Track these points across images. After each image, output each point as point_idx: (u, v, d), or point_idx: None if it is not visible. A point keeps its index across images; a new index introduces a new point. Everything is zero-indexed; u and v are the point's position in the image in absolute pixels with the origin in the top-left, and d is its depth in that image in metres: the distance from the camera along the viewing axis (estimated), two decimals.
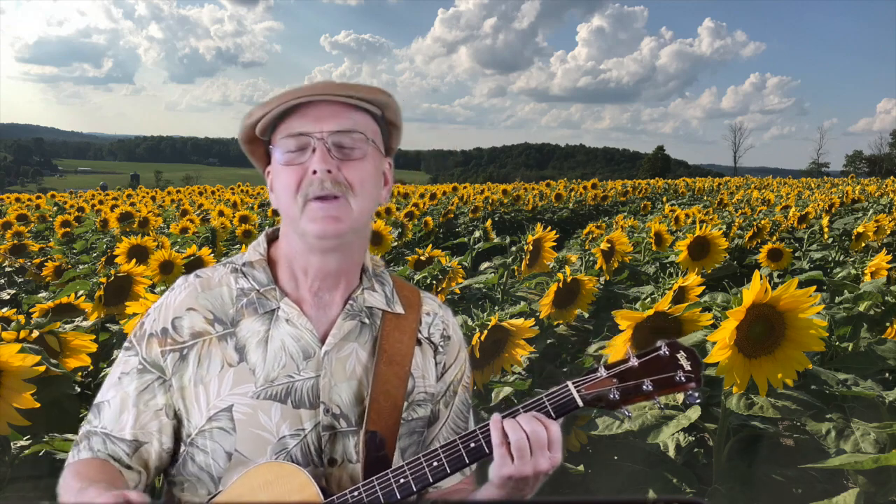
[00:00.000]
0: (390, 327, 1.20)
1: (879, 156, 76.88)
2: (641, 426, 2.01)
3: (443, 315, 1.30)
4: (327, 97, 1.11)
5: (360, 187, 1.11)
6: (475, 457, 1.05)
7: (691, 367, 1.08)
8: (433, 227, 9.41)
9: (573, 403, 1.07)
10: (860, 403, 2.01)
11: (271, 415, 1.10)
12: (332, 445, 1.12)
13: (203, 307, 1.15)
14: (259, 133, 1.15)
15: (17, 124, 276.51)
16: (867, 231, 5.96)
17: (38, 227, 10.38)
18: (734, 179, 34.47)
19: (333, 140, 1.10)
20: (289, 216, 1.13)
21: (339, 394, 1.14)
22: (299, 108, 1.11)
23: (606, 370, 1.08)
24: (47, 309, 2.77)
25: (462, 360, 1.31)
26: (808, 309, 1.70)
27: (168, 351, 1.13)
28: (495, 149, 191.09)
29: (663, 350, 1.09)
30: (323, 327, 1.16)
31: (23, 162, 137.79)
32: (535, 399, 1.07)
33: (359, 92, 1.13)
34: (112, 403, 1.13)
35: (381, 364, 1.15)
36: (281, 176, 1.12)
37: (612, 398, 1.06)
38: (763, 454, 2.26)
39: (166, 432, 1.13)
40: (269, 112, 1.10)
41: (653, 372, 1.08)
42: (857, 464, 1.64)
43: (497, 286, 3.99)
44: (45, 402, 1.66)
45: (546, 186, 20.32)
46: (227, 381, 1.11)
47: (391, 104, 1.18)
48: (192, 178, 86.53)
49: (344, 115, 1.12)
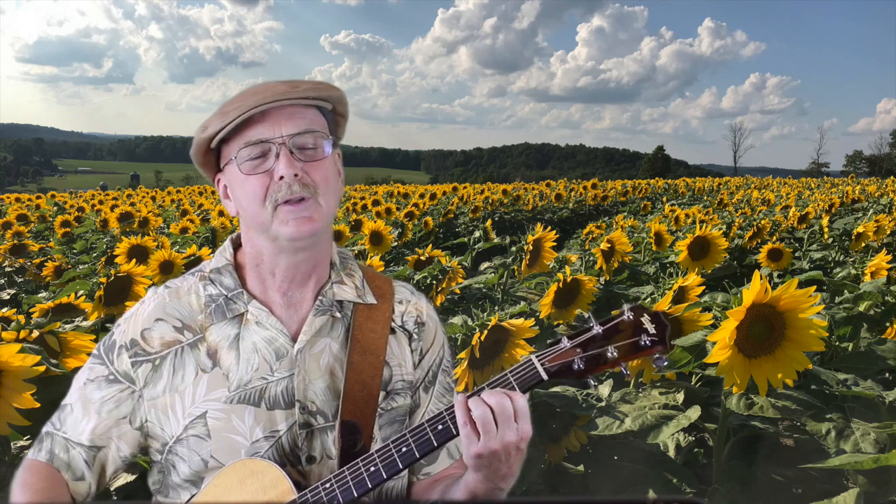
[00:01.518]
0: (362, 318, 1.20)
1: (879, 156, 76.91)
2: (641, 426, 2.01)
3: (416, 302, 1.30)
4: (278, 102, 1.10)
5: (326, 185, 1.12)
6: (443, 438, 1.04)
7: (656, 330, 1.04)
8: (433, 227, 9.41)
9: (537, 377, 1.05)
10: (860, 403, 2.01)
11: (244, 419, 1.10)
12: (309, 443, 1.13)
13: (171, 316, 1.16)
14: (213, 144, 1.14)
15: (17, 124, 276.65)
16: (867, 231, 5.96)
17: (38, 227, 10.38)
18: (734, 179, 34.47)
19: (294, 142, 1.10)
20: (257, 222, 1.12)
21: (314, 390, 1.14)
22: (252, 115, 1.10)
23: (569, 340, 1.05)
24: (47, 309, 2.77)
25: (439, 343, 1.31)
26: (808, 309, 1.70)
27: (140, 362, 1.13)
28: (495, 149, 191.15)
29: (626, 315, 1.06)
30: (294, 326, 1.17)
31: (23, 162, 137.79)
32: (499, 376, 1.06)
33: (311, 91, 1.12)
34: (75, 409, 1.15)
35: (354, 354, 1.16)
36: (245, 185, 1.11)
37: (576, 368, 1.04)
38: (763, 454, 2.26)
39: (126, 440, 1.14)
40: (228, 124, 1.09)
41: (617, 338, 1.05)
42: (857, 464, 1.64)
43: (497, 286, 3.99)
44: (45, 402, 1.65)
45: (546, 186, 20.32)
46: (202, 388, 1.11)
47: (342, 97, 1.19)
48: (193, 178, 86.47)
49: (299, 115, 1.12)
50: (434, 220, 9.83)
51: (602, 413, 2.13)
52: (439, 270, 3.70)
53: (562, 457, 2.45)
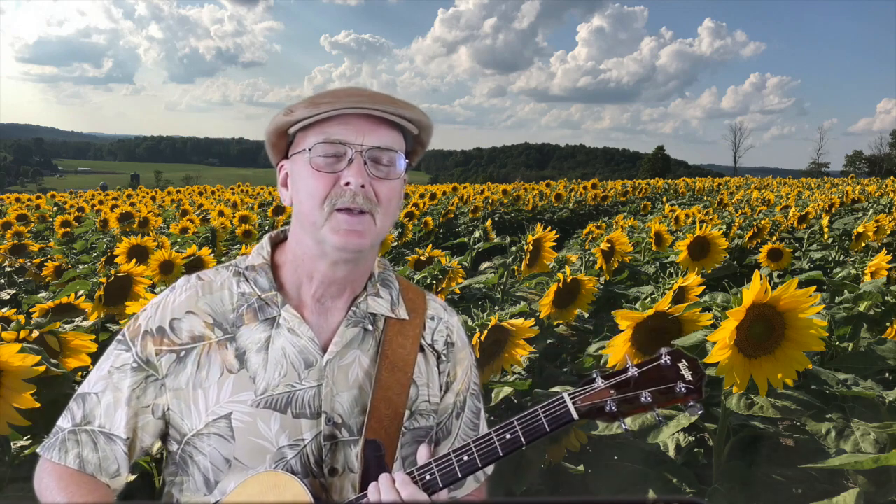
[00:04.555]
0: (393, 332, 1.18)
1: (879, 156, 76.91)
2: (641, 426, 2.01)
3: (447, 320, 1.28)
4: (373, 111, 1.09)
5: (388, 205, 1.12)
6: (468, 470, 1.03)
7: (692, 378, 1.03)
8: (433, 227, 9.41)
9: (568, 416, 1.02)
10: (860, 403, 2.01)
11: (270, 424, 1.09)
12: (332, 455, 1.12)
13: (203, 311, 1.14)
14: (291, 129, 1.13)
15: (17, 124, 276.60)
16: (867, 231, 5.96)
17: (38, 227, 10.37)
18: (734, 179, 34.46)
19: (371, 155, 1.09)
20: (309, 221, 1.10)
21: (340, 403, 1.13)
22: (340, 114, 1.09)
23: (604, 380, 1.03)
24: (47, 309, 2.77)
25: (468, 366, 1.29)
26: (808, 309, 1.70)
27: (164, 351, 1.12)
28: (495, 149, 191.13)
29: (664, 359, 1.03)
30: (325, 335, 1.15)
31: (23, 162, 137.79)
32: (529, 411, 1.04)
33: (405, 110, 1.12)
34: (102, 399, 1.12)
35: (383, 370, 1.14)
36: (308, 180, 1.09)
37: (608, 410, 1.01)
38: (763, 454, 2.26)
39: (148, 430, 1.13)
40: (317, 114, 1.08)
41: (652, 383, 1.03)
42: (857, 464, 1.64)
43: (497, 286, 3.99)
44: (45, 402, 1.66)
45: (546, 186, 20.31)
46: (227, 388, 1.10)
47: (430, 128, 1.18)
48: (192, 178, 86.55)
49: (383, 130, 1.11)
50: (434, 220, 9.83)
51: None
52: (439, 270, 3.70)
53: (562, 457, 2.45)
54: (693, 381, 1.03)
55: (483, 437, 1.03)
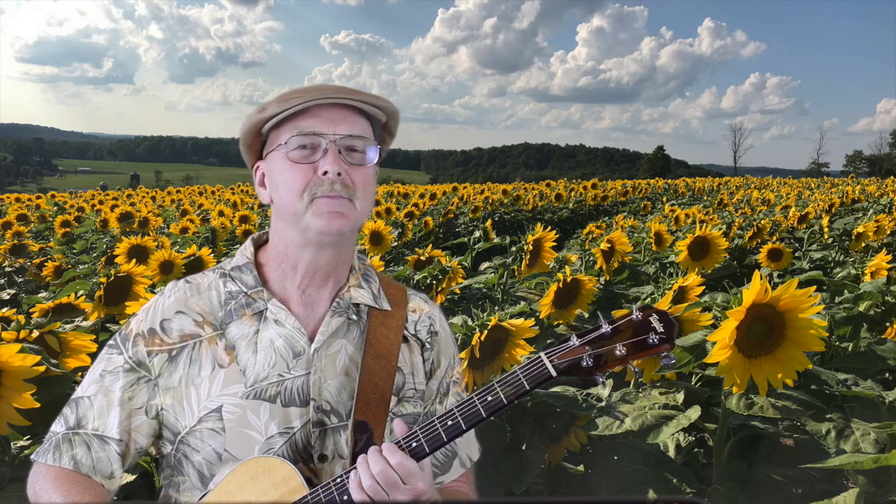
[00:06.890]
0: (377, 323, 1.22)
1: (879, 156, 76.95)
2: (641, 426, 2.01)
3: (429, 311, 1.32)
4: (341, 100, 1.14)
5: (364, 190, 1.15)
6: (453, 434, 1.05)
7: (664, 329, 1.05)
8: (433, 227, 9.41)
9: (546, 373, 1.06)
10: (860, 403, 2.01)
11: (260, 414, 1.11)
12: (322, 441, 1.14)
13: (192, 310, 1.17)
14: (264, 129, 1.17)
15: (17, 124, 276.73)
16: (867, 231, 5.96)
17: (38, 227, 10.38)
18: (734, 179, 34.47)
19: (344, 143, 1.13)
20: (290, 212, 1.14)
21: (328, 390, 1.16)
22: (310, 108, 1.13)
23: (579, 339, 1.07)
24: (47, 309, 2.77)
25: (451, 354, 1.33)
26: (808, 309, 1.70)
27: (155, 351, 1.15)
28: (495, 149, 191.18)
29: (635, 314, 1.07)
30: (311, 325, 1.18)
31: (23, 162, 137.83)
32: (508, 374, 1.07)
33: (372, 99, 1.17)
34: (95, 401, 1.15)
35: (368, 357, 1.18)
36: (286, 173, 1.13)
37: (585, 365, 1.05)
38: (763, 454, 2.26)
39: (142, 431, 1.15)
40: (287, 109, 1.12)
41: (625, 336, 1.06)
42: (857, 464, 1.64)
43: (497, 286, 3.99)
44: (45, 402, 1.66)
45: (546, 186, 20.30)
46: (218, 383, 1.13)
47: (396, 114, 1.23)
48: (192, 178, 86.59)
49: (353, 119, 1.16)
50: (434, 220, 9.82)
51: (602, 413, 2.13)
52: (439, 270, 3.70)
53: (562, 457, 2.45)
54: (664, 331, 1.06)
55: (465, 401, 1.06)
